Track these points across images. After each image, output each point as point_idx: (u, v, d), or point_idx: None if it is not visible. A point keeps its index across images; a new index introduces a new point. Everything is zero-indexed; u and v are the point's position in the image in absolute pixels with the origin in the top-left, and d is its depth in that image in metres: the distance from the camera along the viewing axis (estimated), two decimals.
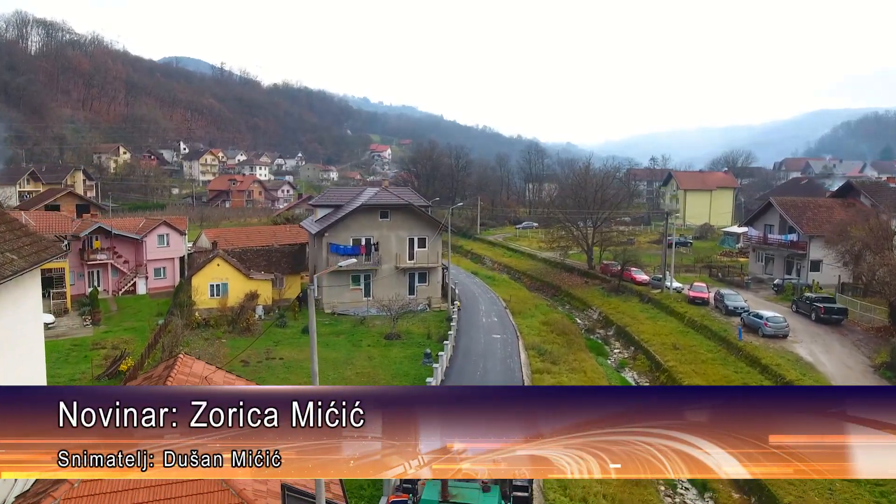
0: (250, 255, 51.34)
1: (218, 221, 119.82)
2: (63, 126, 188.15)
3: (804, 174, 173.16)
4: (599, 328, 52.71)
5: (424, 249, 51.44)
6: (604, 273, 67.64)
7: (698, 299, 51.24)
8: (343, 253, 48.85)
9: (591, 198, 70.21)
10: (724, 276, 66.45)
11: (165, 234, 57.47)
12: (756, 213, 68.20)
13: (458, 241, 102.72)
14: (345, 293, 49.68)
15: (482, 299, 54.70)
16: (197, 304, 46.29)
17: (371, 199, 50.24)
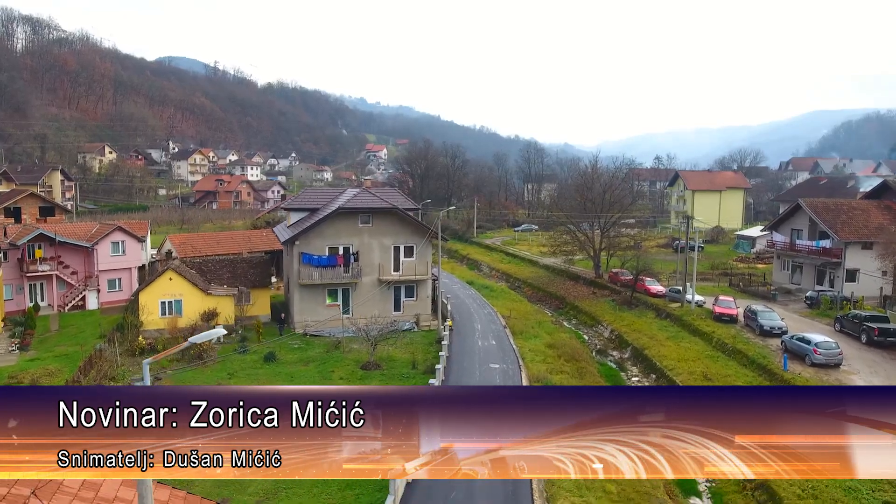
0: (212, 266, 44.69)
1: (199, 224, 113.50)
2: (47, 125, 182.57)
3: (813, 174, 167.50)
4: (612, 349, 46.08)
5: (412, 259, 44.81)
6: (613, 282, 61.14)
7: (725, 316, 44.66)
8: (317, 264, 42.35)
9: (599, 199, 63.57)
10: (746, 285, 60.02)
11: (120, 242, 50.80)
12: (782, 216, 61.66)
13: (454, 245, 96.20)
14: (319, 310, 43.02)
15: (478, 316, 48.04)
16: (144, 324, 39.67)
17: (350, 202, 43.48)
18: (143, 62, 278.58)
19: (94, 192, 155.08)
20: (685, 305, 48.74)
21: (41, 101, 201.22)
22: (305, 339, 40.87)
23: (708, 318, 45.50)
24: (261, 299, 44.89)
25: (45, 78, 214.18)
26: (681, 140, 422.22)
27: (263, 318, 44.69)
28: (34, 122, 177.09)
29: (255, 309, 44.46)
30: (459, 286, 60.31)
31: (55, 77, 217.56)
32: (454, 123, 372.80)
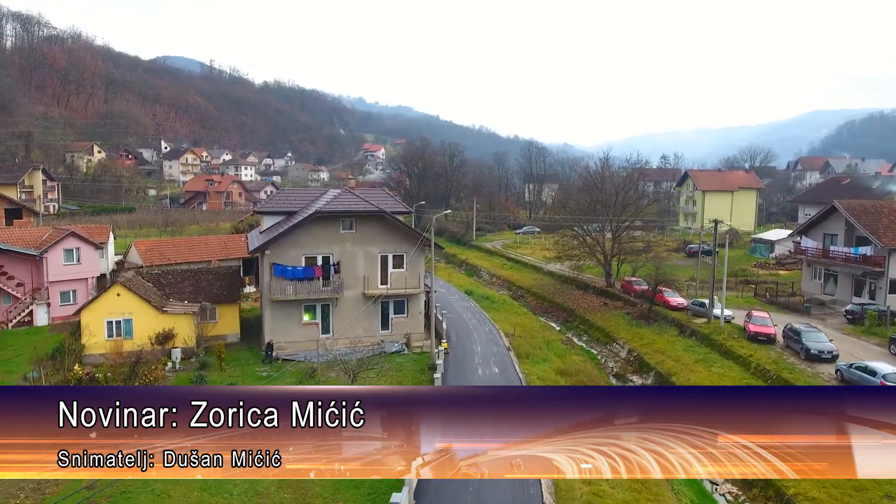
0: (172, 278, 38.87)
1: (183, 227, 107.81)
2: (33, 123, 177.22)
3: (823, 173, 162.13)
4: (631, 372, 40.25)
5: (401, 270, 39.01)
6: (626, 292, 55.41)
7: (762, 335, 38.88)
8: (291, 277, 36.58)
9: (611, 200, 57.75)
10: (773, 296, 54.20)
11: (74, 249, 44.99)
12: (812, 219, 55.87)
13: (452, 248, 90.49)
14: (294, 330, 37.23)
15: (478, 334, 42.25)
16: (87, 348, 33.89)
17: (329, 205, 37.62)
18: (136, 60, 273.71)
19: (80, 192, 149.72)
20: (713, 322, 42.99)
21: (29, 98, 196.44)
22: (276, 365, 35.07)
23: (741, 338, 39.76)
24: (228, 316, 38.98)
25: (33, 76, 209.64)
26: (680, 140, 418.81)
27: (232, 339, 38.95)
28: (20, 120, 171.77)
29: (222, 327, 38.61)
30: (457, 297, 54.53)
31: (44, 75, 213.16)
32: (453, 123, 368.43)
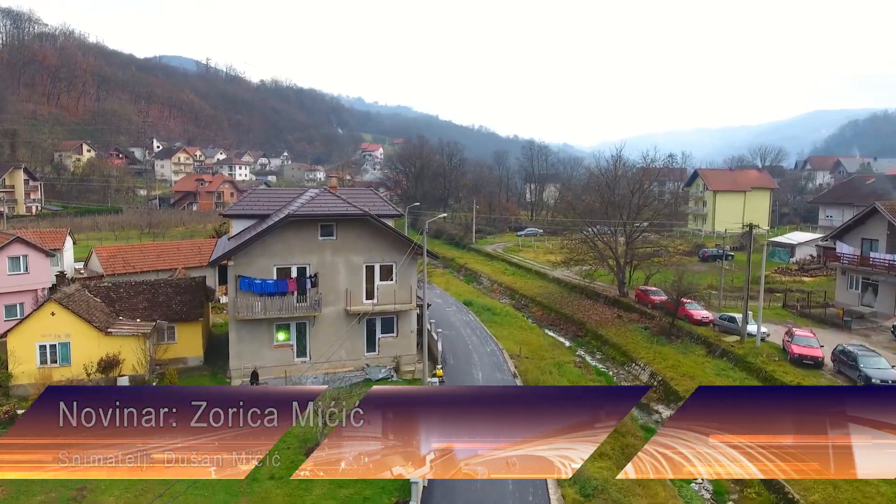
0: (125, 292, 33.50)
1: (168, 228, 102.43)
2: (20, 121, 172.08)
3: (834, 173, 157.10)
4: (656, 400, 34.74)
5: (390, 283, 33.62)
6: (641, 303, 50.06)
7: (808, 359, 33.52)
8: (260, 291, 31.20)
9: (626, 201, 52.37)
10: (804, 308, 48.85)
11: (21, 256, 39.70)
12: (848, 223, 50.52)
13: (450, 252, 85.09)
14: (264, 353, 31.86)
15: (478, 356, 36.86)
16: (14, 377, 28.51)
17: (304, 207, 32.22)
18: (130, 58, 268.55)
19: (67, 192, 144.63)
20: (746, 340, 37.62)
21: (17, 96, 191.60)
22: None
23: (782, 360, 34.41)
24: (188, 336, 33.51)
25: (23, 73, 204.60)
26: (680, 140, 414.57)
27: (193, 362, 33.58)
28: (6, 118, 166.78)
29: (181, 349, 33.22)
30: (455, 309, 49.14)
31: (34, 72, 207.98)
32: (452, 123, 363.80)
